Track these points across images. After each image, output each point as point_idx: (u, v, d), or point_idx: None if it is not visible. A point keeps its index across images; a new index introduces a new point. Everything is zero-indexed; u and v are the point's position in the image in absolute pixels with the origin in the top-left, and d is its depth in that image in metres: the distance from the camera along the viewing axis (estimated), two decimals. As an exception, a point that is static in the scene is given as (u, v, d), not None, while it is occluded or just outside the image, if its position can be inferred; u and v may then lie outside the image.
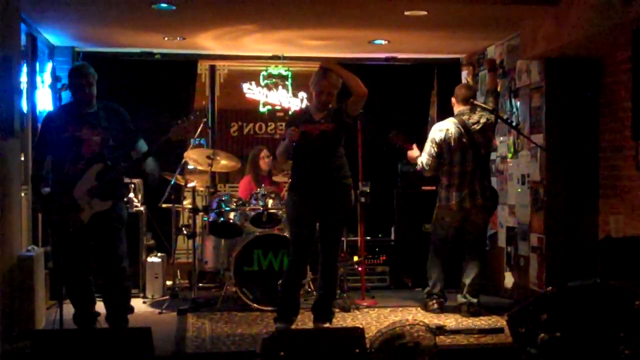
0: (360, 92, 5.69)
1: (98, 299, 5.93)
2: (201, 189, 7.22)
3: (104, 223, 5.50)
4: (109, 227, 5.54)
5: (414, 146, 6.60)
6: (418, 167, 6.55)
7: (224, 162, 7.16)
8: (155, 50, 8.11)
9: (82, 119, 5.48)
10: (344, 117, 5.71)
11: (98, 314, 5.94)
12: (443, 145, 6.37)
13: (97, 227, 5.49)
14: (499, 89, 7.42)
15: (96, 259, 5.66)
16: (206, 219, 6.97)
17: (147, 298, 7.14)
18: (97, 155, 5.45)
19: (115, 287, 5.63)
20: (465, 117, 6.43)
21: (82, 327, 5.66)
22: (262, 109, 8.62)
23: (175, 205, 7.06)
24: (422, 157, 6.46)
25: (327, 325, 5.77)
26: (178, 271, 7.39)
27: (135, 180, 7.23)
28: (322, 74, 5.72)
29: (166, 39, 7.45)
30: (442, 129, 6.41)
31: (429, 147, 6.43)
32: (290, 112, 5.78)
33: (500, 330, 5.71)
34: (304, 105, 5.71)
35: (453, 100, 6.60)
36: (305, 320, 6.14)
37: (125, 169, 5.67)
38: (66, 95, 7.37)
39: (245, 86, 8.59)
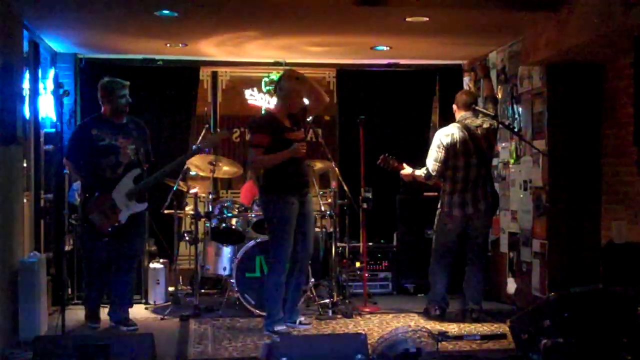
0: (325, 100, 6.17)
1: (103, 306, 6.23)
2: (203, 195, 7.22)
3: (137, 223, 6.09)
4: (141, 226, 6.21)
5: (404, 165, 6.59)
6: (420, 177, 6.50)
7: (226, 168, 7.17)
8: (157, 57, 8.12)
9: (116, 129, 6.02)
10: (305, 123, 6.08)
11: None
12: (449, 150, 6.36)
13: (130, 226, 6.01)
14: (499, 95, 7.43)
15: (117, 253, 6.09)
16: (208, 225, 6.97)
17: (149, 304, 7.14)
18: (133, 162, 6.01)
19: (127, 280, 6.17)
20: (468, 122, 6.44)
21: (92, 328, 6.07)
22: (264, 115, 8.62)
23: (177, 211, 7.06)
24: (428, 163, 6.43)
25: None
26: (180, 277, 7.39)
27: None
28: (295, 79, 5.96)
29: (168, 45, 7.46)
30: (448, 134, 6.40)
31: (436, 152, 6.40)
32: (253, 119, 5.84)
33: (502, 336, 5.68)
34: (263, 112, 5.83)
35: (454, 106, 6.60)
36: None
37: (160, 175, 6.12)
38: (68, 102, 7.40)
39: (247, 92, 8.60)
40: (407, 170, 6.58)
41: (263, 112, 6.07)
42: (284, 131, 5.89)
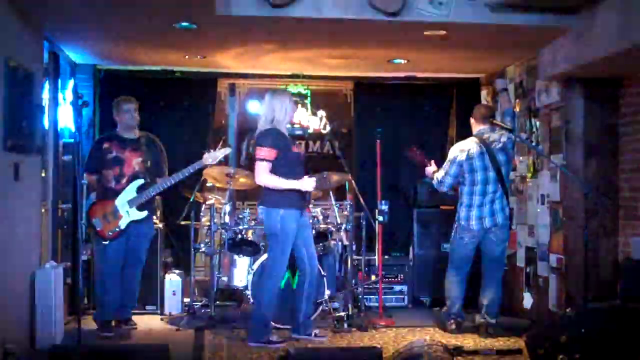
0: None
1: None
2: (220, 206, 7.24)
3: (138, 230, 6.40)
4: (146, 234, 6.53)
5: (432, 162, 6.63)
6: (434, 182, 6.56)
7: (242, 180, 7.19)
8: (175, 69, 8.16)
9: (125, 143, 6.46)
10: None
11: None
12: (464, 165, 6.36)
13: (132, 233, 6.36)
14: (517, 109, 7.41)
15: (124, 258, 6.43)
16: (225, 236, 6.99)
17: (164, 315, 7.15)
18: (137, 174, 6.40)
19: (132, 283, 6.51)
20: (485, 137, 6.43)
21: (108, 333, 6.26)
22: (281, 127, 8.61)
23: (194, 222, 7.07)
24: (439, 173, 6.48)
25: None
26: (196, 288, 7.40)
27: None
28: (289, 94, 6.28)
29: (187, 57, 7.50)
30: (464, 149, 6.41)
31: (447, 166, 6.44)
32: (262, 134, 5.91)
33: (518, 351, 5.67)
34: (269, 126, 5.85)
35: (472, 119, 6.60)
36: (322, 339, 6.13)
37: (162, 186, 6.42)
38: (87, 112, 7.46)
39: (265, 104, 8.59)
40: (432, 168, 6.64)
41: (265, 127, 5.99)
42: (290, 145, 6.07)
